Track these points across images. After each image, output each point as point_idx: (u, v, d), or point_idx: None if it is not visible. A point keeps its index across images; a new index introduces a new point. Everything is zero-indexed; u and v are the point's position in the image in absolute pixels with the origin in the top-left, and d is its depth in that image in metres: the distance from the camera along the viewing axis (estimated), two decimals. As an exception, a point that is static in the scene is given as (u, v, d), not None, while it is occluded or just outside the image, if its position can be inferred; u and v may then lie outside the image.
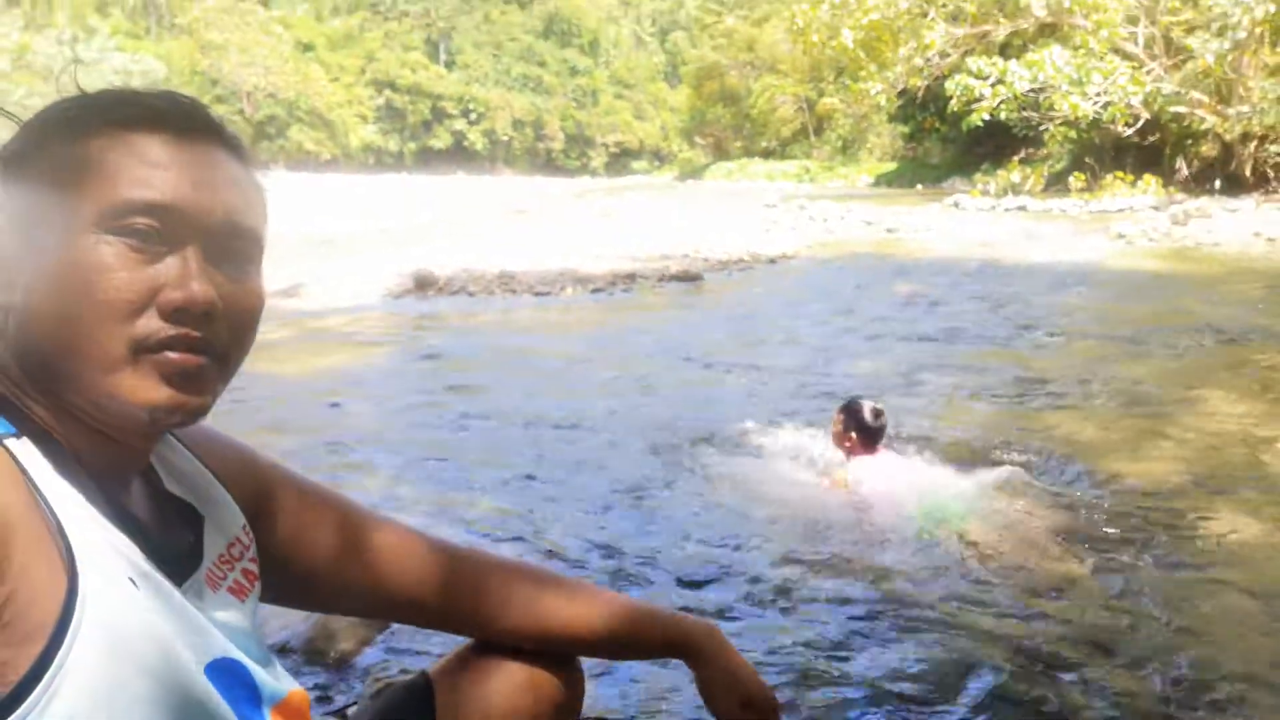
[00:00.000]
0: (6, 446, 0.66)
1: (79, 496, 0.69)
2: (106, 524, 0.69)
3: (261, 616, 0.91)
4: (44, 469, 0.68)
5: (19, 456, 0.67)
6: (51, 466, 0.68)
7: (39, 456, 0.68)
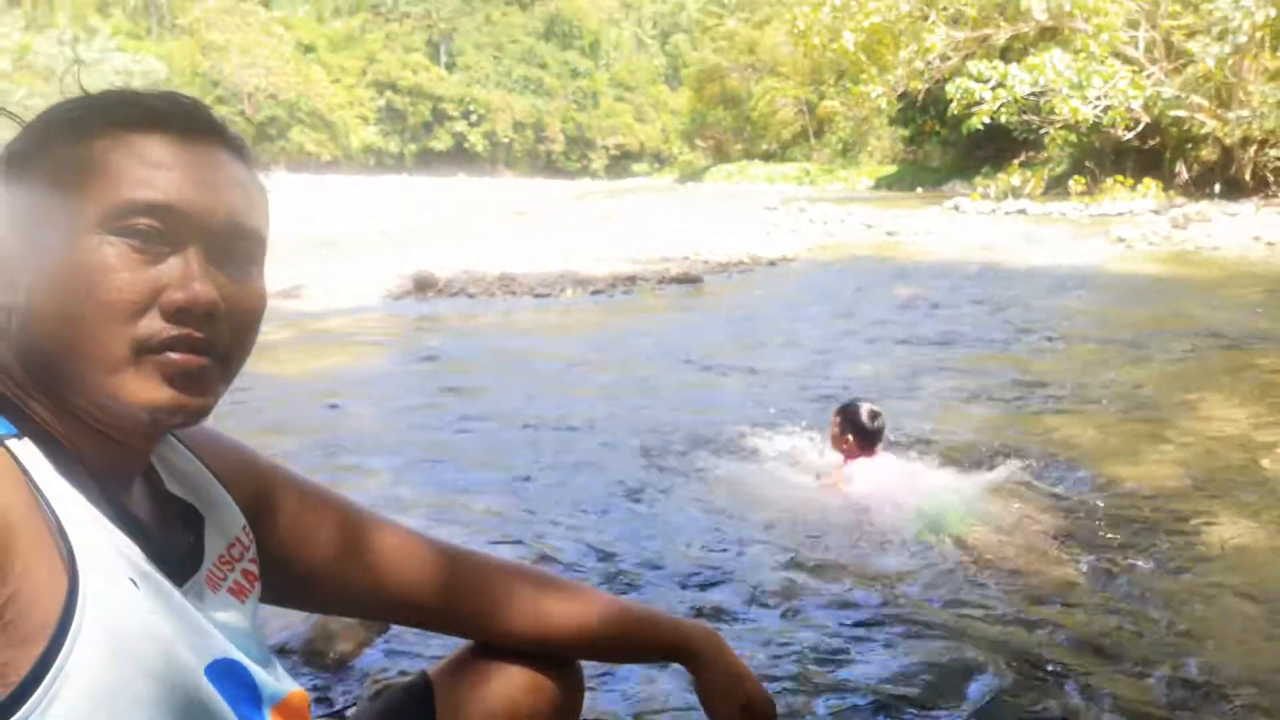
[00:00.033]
0: (8, 447, 0.66)
1: (80, 497, 0.69)
2: (108, 525, 0.69)
3: (261, 617, 0.91)
4: (45, 469, 0.68)
5: (20, 457, 0.67)
6: (53, 467, 0.68)
7: (40, 457, 0.68)
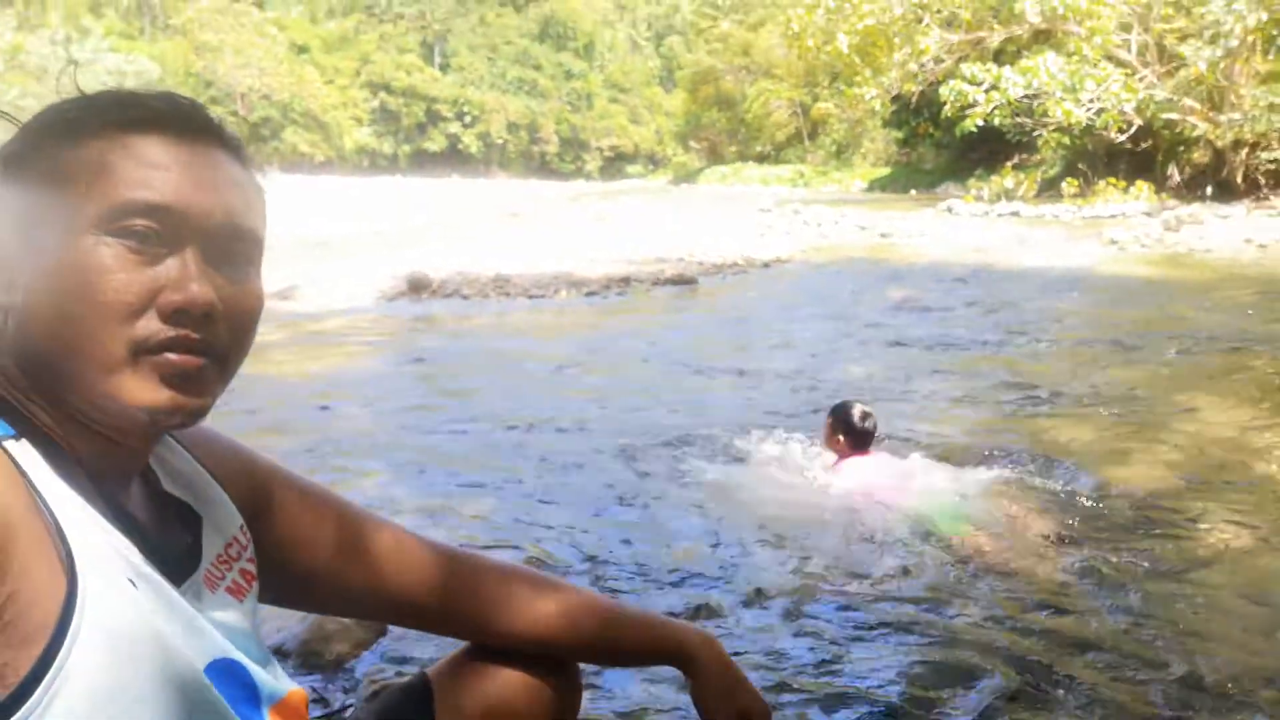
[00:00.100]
0: (6, 449, 0.66)
1: (78, 498, 0.69)
2: (106, 525, 0.69)
3: (258, 618, 0.91)
4: (43, 471, 0.68)
5: (18, 458, 0.67)
6: (51, 468, 0.68)
7: (38, 458, 0.68)
